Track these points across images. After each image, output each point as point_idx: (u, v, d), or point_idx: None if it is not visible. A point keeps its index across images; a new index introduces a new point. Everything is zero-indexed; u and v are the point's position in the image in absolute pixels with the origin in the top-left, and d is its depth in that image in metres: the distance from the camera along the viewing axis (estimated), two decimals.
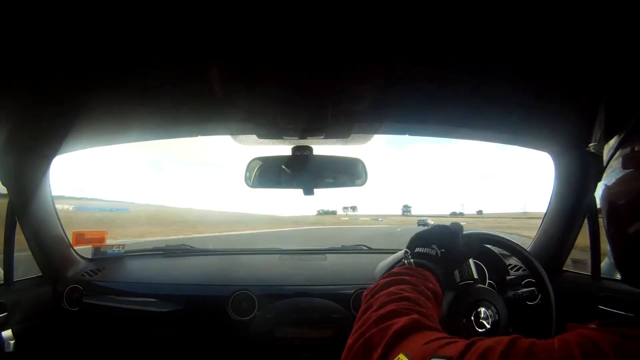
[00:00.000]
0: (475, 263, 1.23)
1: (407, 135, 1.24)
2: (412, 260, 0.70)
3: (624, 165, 0.45)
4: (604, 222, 0.48)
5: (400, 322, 0.48)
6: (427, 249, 0.72)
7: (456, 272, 0.86)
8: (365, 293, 0.61)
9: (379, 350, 0.46)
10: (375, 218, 65.65)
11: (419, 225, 30.57)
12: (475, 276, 0.88)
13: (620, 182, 0.45)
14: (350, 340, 0.52)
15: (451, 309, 0.83)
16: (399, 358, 0.43)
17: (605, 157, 0.49)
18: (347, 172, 1.15)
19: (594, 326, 0.40)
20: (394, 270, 0.67)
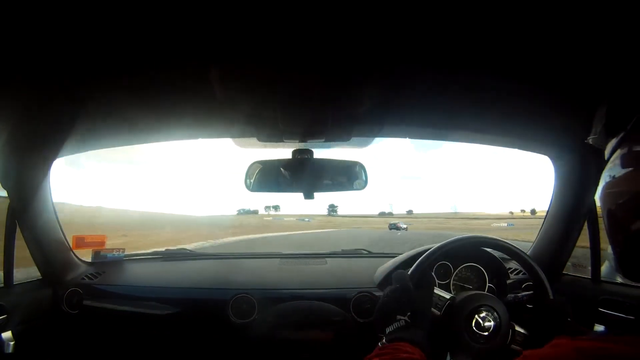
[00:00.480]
0: (463, 269, 1.28)
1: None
2: (384, 340, 0.73)
3: (623, 165, 0.45)
4: (604, 221, 0.48)
5: None
6: (395, 324, 0.75)
7: (434, 310, 0.88)
8: None
9: None
10: (302, 219, 58.36)
11: (390, 229, 30.50)
12: (448, 296, 0.91)
13: (620, 181, 0.45)
14: None
15: (451, 331, 0.85)
16: None
17: (605, 156, 0.49)
18: (347, 176, 1.15)
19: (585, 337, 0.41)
20: (370, 355, 0.70)
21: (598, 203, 0.50)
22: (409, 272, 0.93)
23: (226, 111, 1.04)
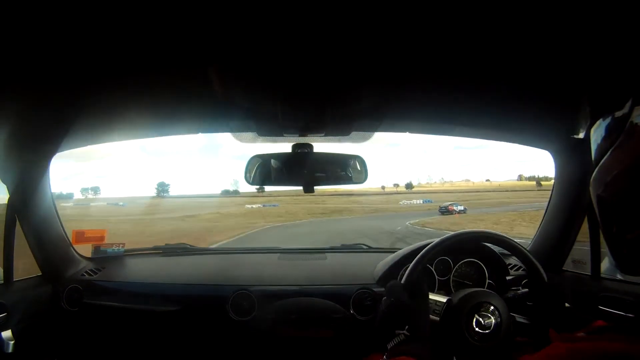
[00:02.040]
0: (462, 265, 1.27)
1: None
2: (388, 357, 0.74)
3: (612, 158, 0.44)
4: (596, 212, 0.49)
5: None
6: (395, 339, 0.75)
7: (431, 317, 0.88)
8: None
9: None
10: (269, 204, 42.21)
11: (441, 213, 25.20)
12: (444, 299, 0.90)
13: (611, 169, 0.45)
14: None
15: (451, 331, 0.85)
16: None
17: (593, 147, 0.49)
18: (347, 169, 1.15)
19: (582, 334, 0.41)
20: None
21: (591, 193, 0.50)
22: (403, 282, 0.93)
23: (226, 106, 1.03)
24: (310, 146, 1.11)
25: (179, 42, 0.72)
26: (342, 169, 1.15)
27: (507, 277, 1.27)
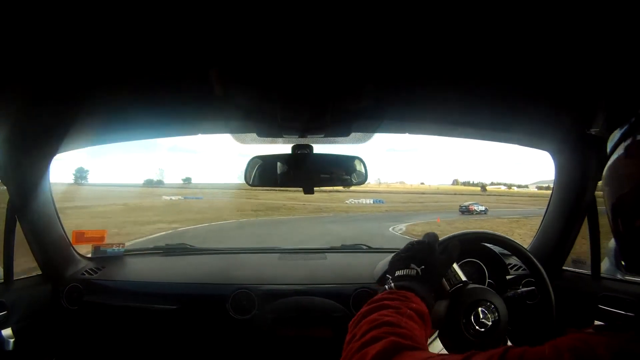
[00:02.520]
0: (464, 264, 1.24)
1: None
2: (392, 284, 0.71)
3: (627, 155, 0.45)
4: (607, 214, 0.48)
5: (377, 347, 0.49)
6: (407, 270, 0.73)
7: (444, 281, 0.86)
8: (350, 323, 0.63)
9: None
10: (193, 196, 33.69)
11: (462, 213, 23.53)
12: (464, 278, 0.89)
13: (623, 171, 0.45)
14: None
15: (449, 315, 0.83)
16: None
17: (607, 148, 0.49)
18: (347, 170, 1.15)
19: (591, 330, 0.41)
20: (376, 297, 0.68)
21: (599, 197, 0.50)
22: (440, 238, 0.90)
23: (225, 107, 1.04)
24: (310, 147, 1.11)
25: (179, 44, 0.72)
26: (342, 170, 1.15)
27: (507, 277, 1.28)
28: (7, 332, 1.14)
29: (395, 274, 0.74)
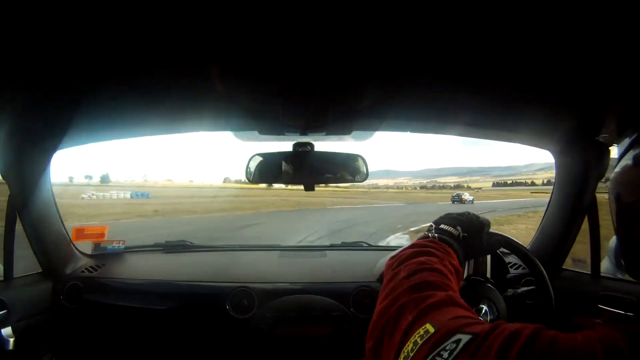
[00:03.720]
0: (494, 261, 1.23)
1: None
2: (435, 234, 0.71)
3: (636, 163, 0.44)
4: (612, 219, 0.48)
5: (437, 296, 0.49)
6: (452, 228, 0.72)
7: (467, 264, 0.85)
8: (389, 262, 0.63)
9: (409, 318, 0.47)
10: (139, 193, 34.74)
11: (453, 202, 27.79)
12: (488, 275, 0.88)
13: (632, 179, 0.45)
14: (380, 306, 0.53)
15: None
16: (425, 327, 0.44)
17: (617, 153, 0.49)
18: (348, 168, 1.15)
19: (599, 321, 0.40)
20: (418, 242, 0.67)
21: (600, 194, 0.50)
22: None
23: (227, 105, 1.03)
24: (311, 145, 1.11)
25: (180, 40, 0.72)
26: (343, 168, 1.15)
27: (507, 276, 1.28)
28: (7, 330, 1.13)
29: (441, 226, 0.73)
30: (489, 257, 0.87)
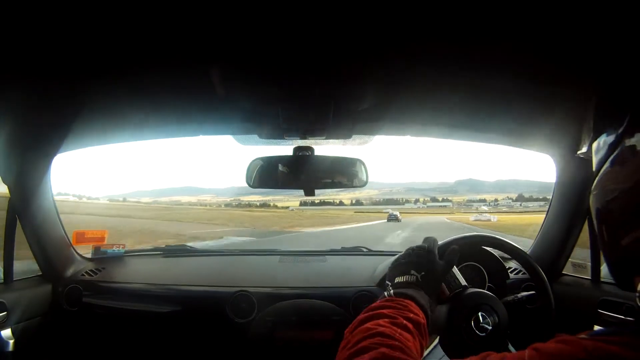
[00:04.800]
0: (464, 268, 1.23)
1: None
2: (392, 291, 0.70)
3: (612, 163, 0.44)
4: (596, 227, 0.47)
5: (365, 358, 0.49)
6: (407, 277, 0.72)
7: (444, 286, 0.86)
8: (346, 330, 0.62)
9: None
10: None
11: (389, 220, 27.05)
12: (464, 283, 0.88)
13: (608, 182, 0.44)
14: None
15: (450, 320, 0.83)
16: None
17: (594, 161, 0.48)
18: (348, 173, 1.15)
19: (583, 335, 0.40)
20: (375, 304, 0.67)
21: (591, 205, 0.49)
22: (439, 242, 0.89)
23: (227, 108, 1.04)
24: (312, 149, 1.11)
25: (180, 43, 0.72)
26: (343, 172, 1.15)
27: (507, 281, 1.27)
28: (6, 332, 1.13)
29: (395, 281, 0.73)
30: (455, 268, 0.87)
